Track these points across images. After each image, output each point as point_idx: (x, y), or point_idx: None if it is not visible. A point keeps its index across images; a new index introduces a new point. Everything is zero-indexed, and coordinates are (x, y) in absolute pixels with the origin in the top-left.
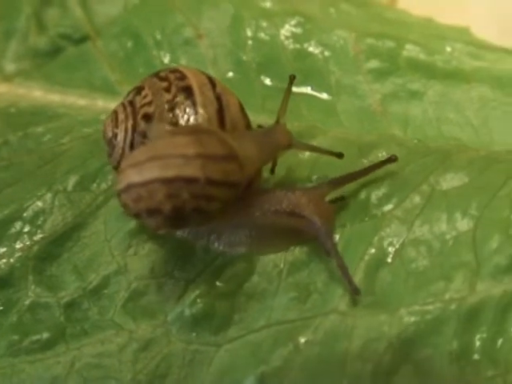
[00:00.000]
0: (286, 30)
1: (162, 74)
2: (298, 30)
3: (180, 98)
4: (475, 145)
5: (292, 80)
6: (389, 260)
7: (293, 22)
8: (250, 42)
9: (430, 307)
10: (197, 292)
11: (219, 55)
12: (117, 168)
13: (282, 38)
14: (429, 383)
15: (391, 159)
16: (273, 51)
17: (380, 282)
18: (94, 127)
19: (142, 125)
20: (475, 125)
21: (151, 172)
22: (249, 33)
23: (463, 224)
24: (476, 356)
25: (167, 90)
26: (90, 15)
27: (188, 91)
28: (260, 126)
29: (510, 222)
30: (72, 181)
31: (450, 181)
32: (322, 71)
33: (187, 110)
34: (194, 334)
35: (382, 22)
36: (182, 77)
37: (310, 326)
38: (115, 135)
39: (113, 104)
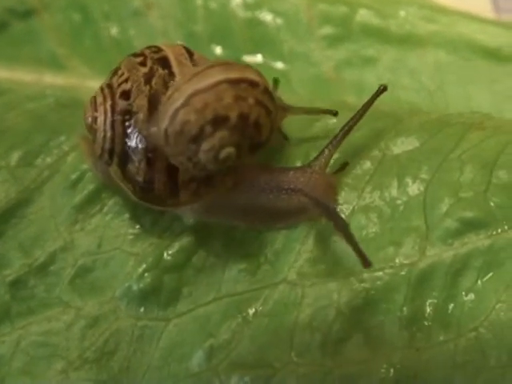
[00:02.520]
0: None
1: (138, 52)
2: None
3: (156, 69)
4: (431, 109)
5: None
6: None
7: None
8: (200, 12)
9: (380, 273)
10: (144, 266)
11: (169, 26)
12: (101, 157)
13: (233, 6)
14: (380, 350)
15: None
16: (224, 20)
17: (330, 251)
18: (39, 102)
19: (120, 103)
20: (430, 90)
21: (216, 75)
22: (199, 2)
23: (414, 188)
24: (427, 321)
25: (143, 64)
26: None
27: (164, 62)
28: None
29: (460, 184)
30: (15, 156)
31: (401, 145)
32: (275, 39)
33: (165, 79)
34: (142, 310)
35: None
36: (158, 50)
37: (260, 297)
38: (95, 119)
39: (60, 78)
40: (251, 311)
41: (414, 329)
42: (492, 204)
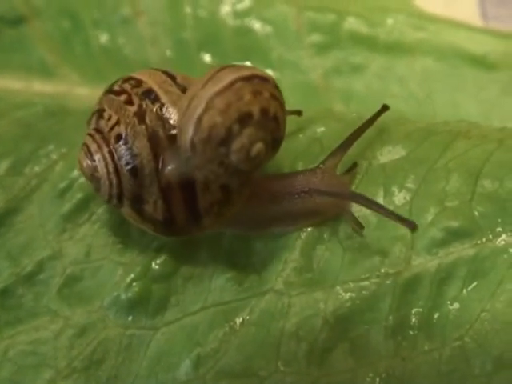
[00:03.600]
0: (226, 6)
1: (116, 88)
2: (238, 6)
3: (146, 105)
4: (418, 117)
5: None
6: (325, 236)
7: None
8: (189, 19)
9: (366, 283)
10: (132, 276)
11: (158, 33)
12: (110, 201)
13: (222, 14)
14: (365, 359)
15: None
16: (213, 28)
17: (317, 259)
18: (28, 110)
19: (118, 148)
20: (419, 97)
21: (228, 75)
22: (188, 9)
23: (400, 198)
24: (412, 330)
25: (129, 102)
26: None
27: (150, 94)
28: None
29: (445, 193)
30: (4, 165)
31: (387, 154)
32: (264, 47)
33: (158, 114)
34: (130, 319)
35: None
36: (138, 82)
37: (247, 306)
38: (95, 168)
39: (49, 86)
40: (238, 320)
41: (399, 338)
42: (476, 213)
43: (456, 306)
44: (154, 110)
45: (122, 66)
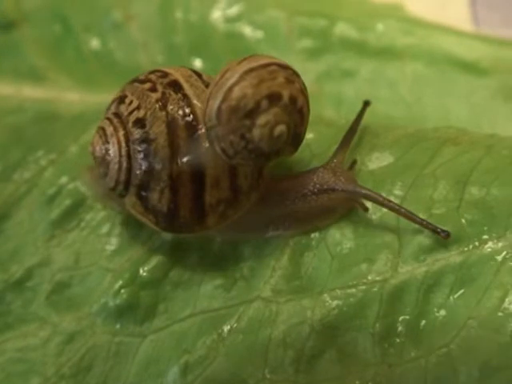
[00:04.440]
0: (217, 10)
1: (142, 77)
2: (229, 11)
3: (169, 94)
4: (408, 122)
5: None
6: (314, 243)
7: (223, 2)
8: (180, 24)
9: (353, 290)
10: (120, 282)
11: (149, 38)
12: (115, 188)
13: (213, 19)
14: (352, 367)
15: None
16: (204, 33)
17: (305, 267)
18: (18, 116)
19: (135, 132)
20: (409, 102)
21: (265, 58)
22: (179, 14)
23: None
24: (399, 338)
25: (153, 89)
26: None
27: (175, 85)
28: None
29: (433, 200)
30: None
31: (376, 160)
32: (255, 52)
33: (180, 103)
34: (118, 326)
35: (314, 0)
36: (164, 74)
37: (235, 313)
38: (107, 151)
39: (40, 91)
40: (226, 328)
41: (386, 345)
42: (464, 221)
43: (443, 313)
44: (177, 99)
45: (112, 71)
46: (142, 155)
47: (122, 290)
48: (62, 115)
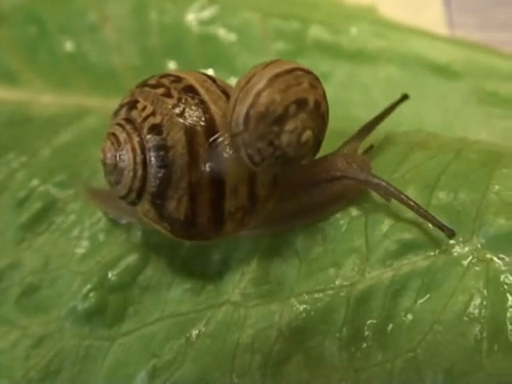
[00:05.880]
0: (191, 13)
1: (152, 82)
2: (203, 14)
3: (186, 100)
4: (382, 126)
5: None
6: (283, 248)
7: (197, 5)
8: (154, 26)
9: (321, 294)
10: (89, 286)
11: (123, 40)
12: (126, 197)
13: (187, 21)
14: (319, 371)
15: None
16: (178, 35)
17: (274, 271)
18: None
19: (151, 139)
20: (382, 106)
21: (289, 63)
22: (154, 16)
23: (356, 209)
24: (366, 342)
25: (167, 95)
26: None
27: (191, 90)
28: None
29: (400, 205)
30: None
31: None
32: (229, 54)
33: (198, 109)
34: (87, 329)
35: (288, 2)
36: (178, 79)
37: (203, 318)
38: (120, 158)
39: (13, 93)
40: (194, 332)
41: (353, 349)
42: (431, 225)
43: (409, 317)
44: (194, 105)
45: (87, 73)
46: (159, 163)
47: (91, 294)
48: (35, 117)
